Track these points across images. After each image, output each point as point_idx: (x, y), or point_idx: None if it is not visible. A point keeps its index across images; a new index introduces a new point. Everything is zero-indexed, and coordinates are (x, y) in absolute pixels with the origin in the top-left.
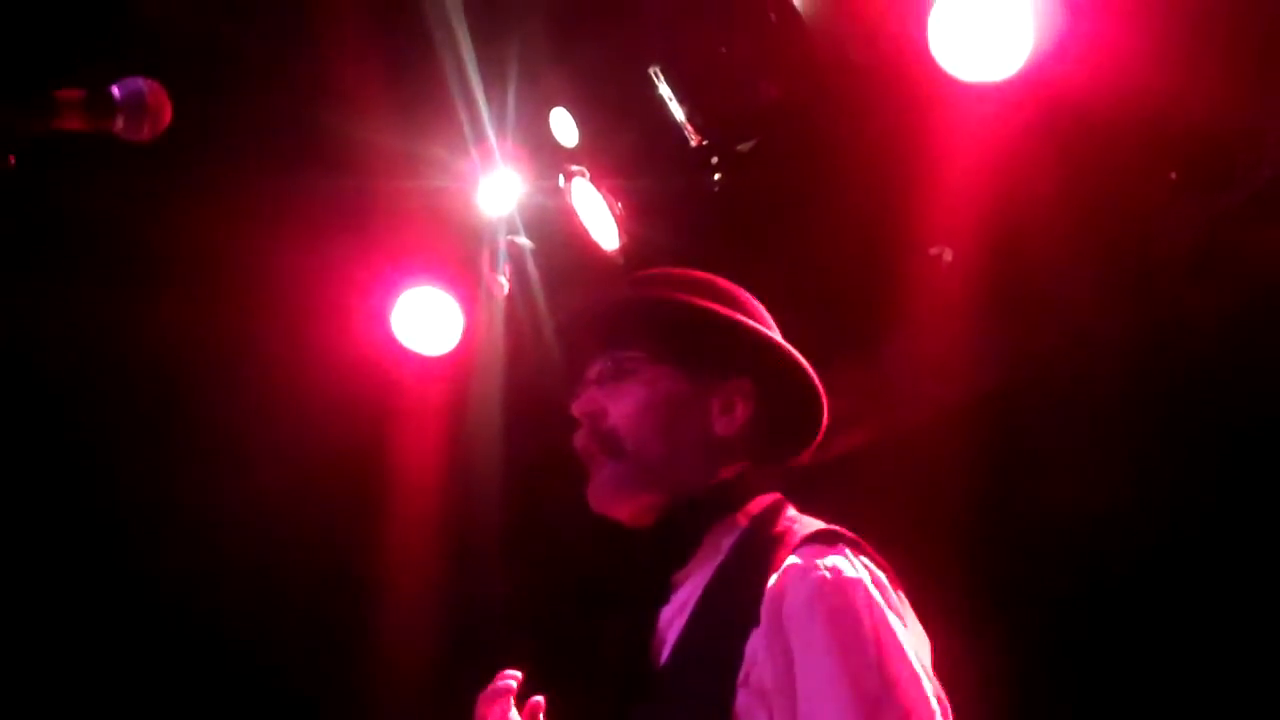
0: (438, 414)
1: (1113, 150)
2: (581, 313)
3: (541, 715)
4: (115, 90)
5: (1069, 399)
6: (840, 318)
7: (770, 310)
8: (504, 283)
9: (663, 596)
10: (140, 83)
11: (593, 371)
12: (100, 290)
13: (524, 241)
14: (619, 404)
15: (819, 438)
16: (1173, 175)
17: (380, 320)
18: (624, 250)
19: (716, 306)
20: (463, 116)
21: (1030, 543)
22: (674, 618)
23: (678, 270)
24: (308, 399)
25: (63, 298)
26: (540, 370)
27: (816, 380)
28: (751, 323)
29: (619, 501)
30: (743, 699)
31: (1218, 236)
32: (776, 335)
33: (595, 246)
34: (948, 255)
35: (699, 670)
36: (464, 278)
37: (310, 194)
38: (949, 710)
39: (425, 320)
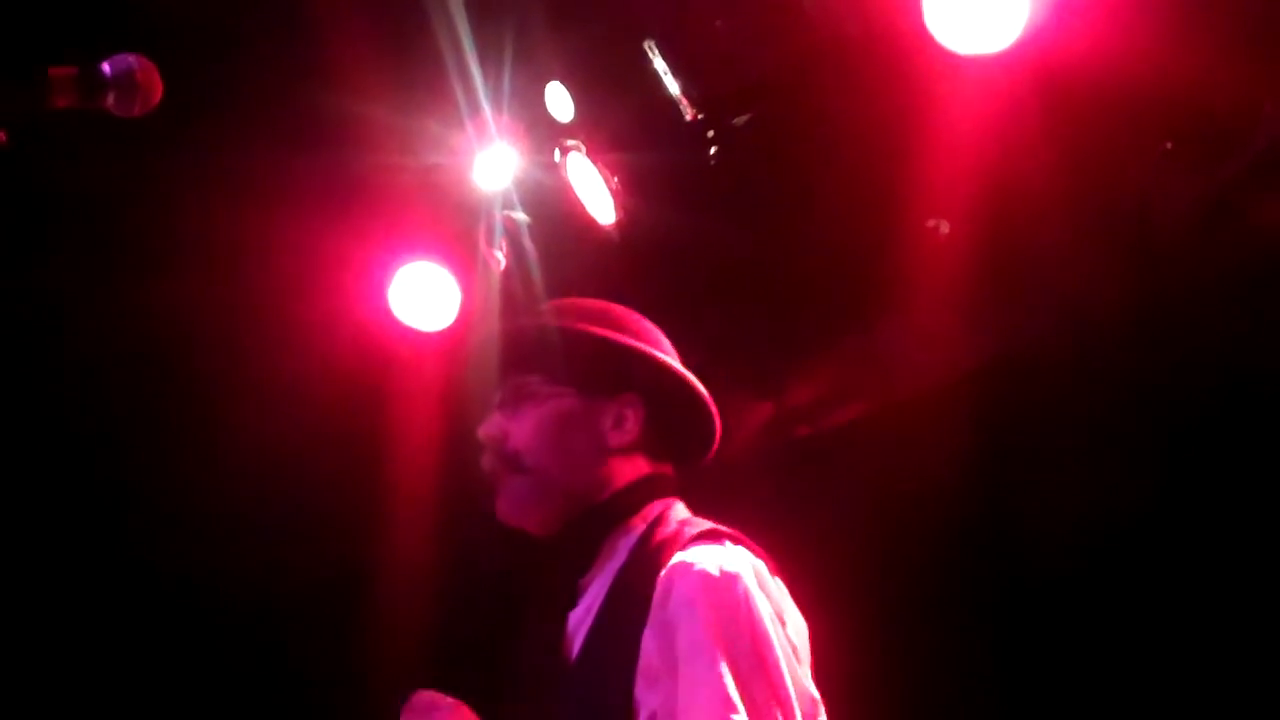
0: (435, 389)
1: (1108, 121)
2: (495, 341)
3: None
4: (106, 67)
5: (1066, 370)
6: (837, 290)
7: (767, 284)
8: (500, 257)
9: (571, 601)
10: (130, 59)
11: (498, 396)
12: (93, 267)
13: (520, 216)
14: (518, 426)
15: (715, 442)
16: (1168, 145)
17: (377, 296)
18: (619, 225)
19: (606, 332)
20: (458, 91)
21: (1026, 518)
22: (581, 621)
23: (580, 300)
24: (305, 375)
25: (54, 275)
26: None
27: (701, 390)
28: (638, 344)
29: (524, 514)
30: (640, 688)
31: (1214, 206)
32: (662, 355)
33: (591, 221)
34: (944, 228)
35: (603, 667)
36: (460, 253)
37: (306, 170)
38: (817, 700)
39: (422, 296)
